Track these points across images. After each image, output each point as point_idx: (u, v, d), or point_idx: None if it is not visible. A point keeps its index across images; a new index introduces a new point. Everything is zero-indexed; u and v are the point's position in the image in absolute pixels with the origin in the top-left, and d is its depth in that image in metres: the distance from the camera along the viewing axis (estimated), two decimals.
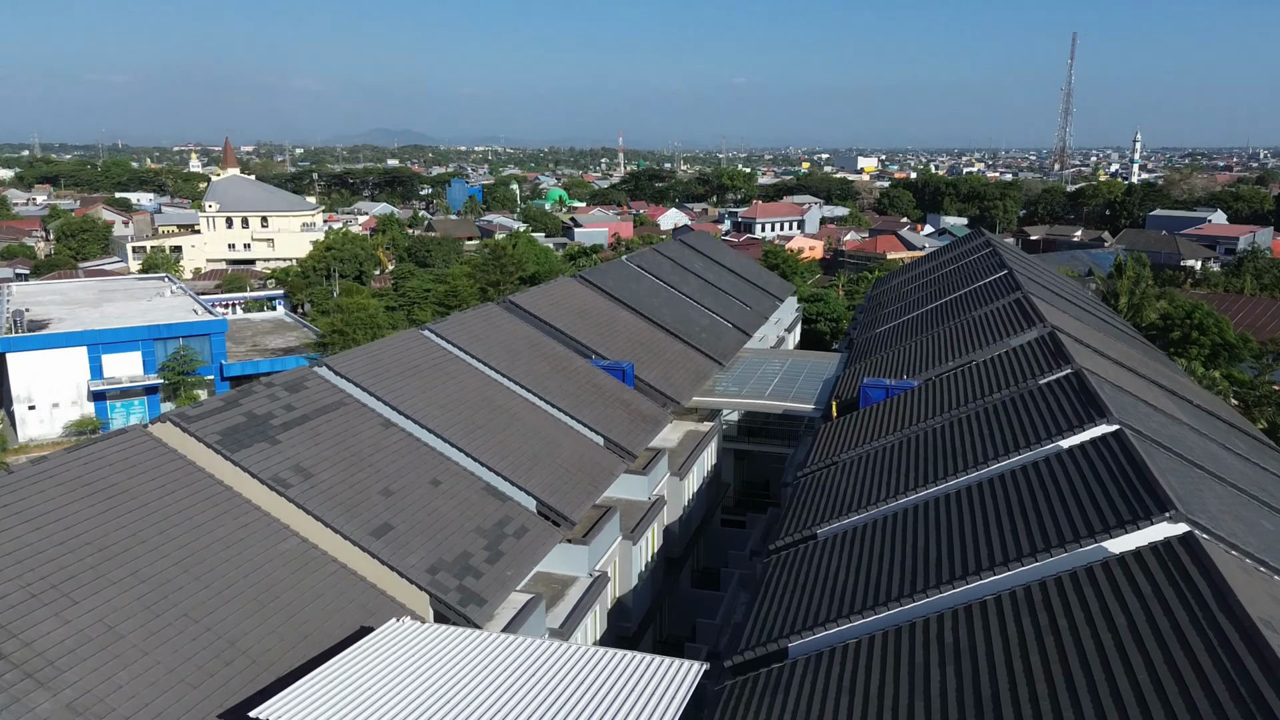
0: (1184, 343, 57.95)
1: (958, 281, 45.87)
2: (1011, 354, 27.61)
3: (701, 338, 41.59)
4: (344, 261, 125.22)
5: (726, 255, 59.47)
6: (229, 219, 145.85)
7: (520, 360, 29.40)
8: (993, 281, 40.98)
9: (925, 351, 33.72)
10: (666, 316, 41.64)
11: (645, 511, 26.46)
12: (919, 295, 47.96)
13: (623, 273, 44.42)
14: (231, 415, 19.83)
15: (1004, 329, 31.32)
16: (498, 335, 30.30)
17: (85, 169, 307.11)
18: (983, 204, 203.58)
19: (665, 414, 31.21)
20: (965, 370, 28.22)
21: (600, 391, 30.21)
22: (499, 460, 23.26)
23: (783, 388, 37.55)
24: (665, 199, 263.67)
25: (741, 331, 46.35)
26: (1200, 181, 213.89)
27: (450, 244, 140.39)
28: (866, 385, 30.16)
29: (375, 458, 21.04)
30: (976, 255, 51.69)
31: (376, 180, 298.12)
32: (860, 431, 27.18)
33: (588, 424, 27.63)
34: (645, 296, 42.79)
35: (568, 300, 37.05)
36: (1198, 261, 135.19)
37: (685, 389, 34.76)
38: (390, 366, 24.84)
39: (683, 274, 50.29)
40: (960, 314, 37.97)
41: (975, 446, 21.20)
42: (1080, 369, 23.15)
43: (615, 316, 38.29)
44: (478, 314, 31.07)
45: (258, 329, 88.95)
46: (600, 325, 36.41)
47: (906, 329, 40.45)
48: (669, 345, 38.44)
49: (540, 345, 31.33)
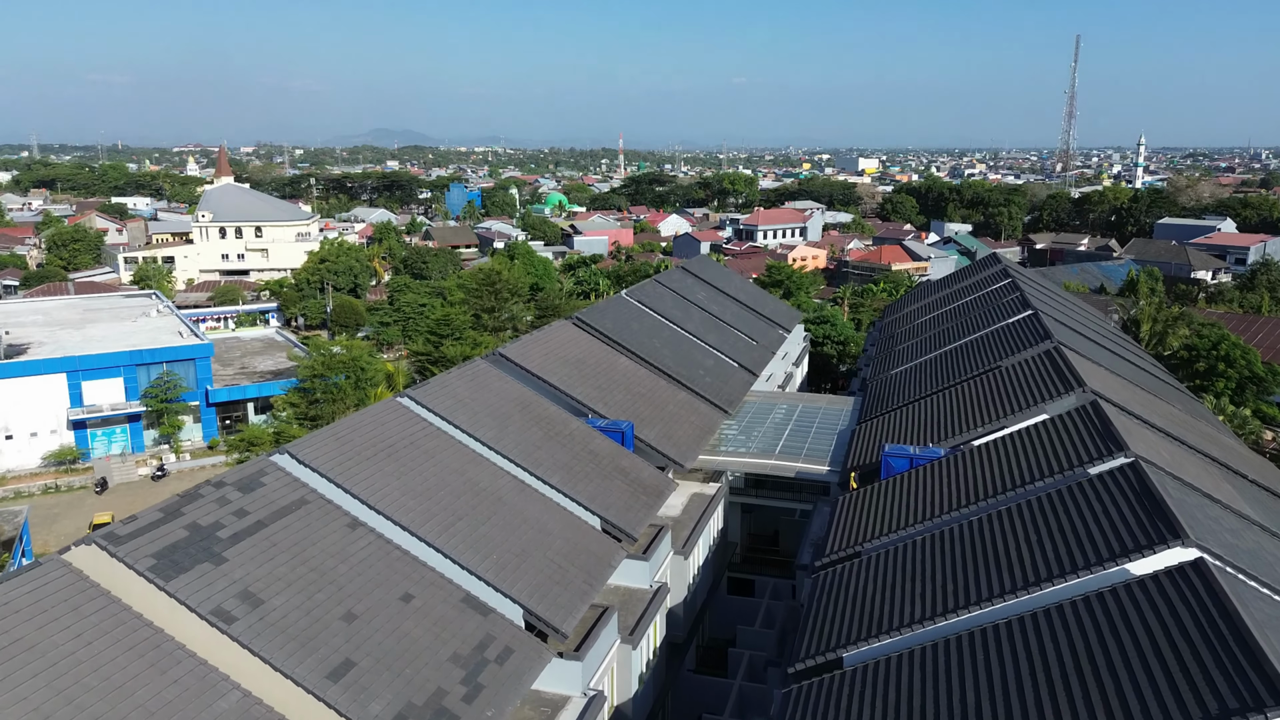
0: (1209, 374, 55.38)
1: (978, 319, 43.26)
2: (1052, 427, 24.99)
3: (706, 383, 38.99)
4: (338, 274, 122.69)
5: (731, 282, 56.88)
6: (222, 229, 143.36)
7: (509, 428, 26.81)
8: (1018, 323, 38.38)
9: (950, 409, 31.11)
10: (669, 360, 39.04)
11: (647, 604, 23.87)
12: (936, 331, 45.36)
13: (622, 312, 41.83)
14: (171, 530, 17.23)
15: (1038, 389, 28.70)
16: (484, 398, 27.70)
17: (82, 173, 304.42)
18: (987, 210, 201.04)
19: (668, 483, 28.61)
20: (1000, 444, 25.60)
21: (597, 460, 27.62)
22: (481, 561, 20.66)
23: (794, 443, 34.93)
24: (666, 203, 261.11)
25: (748, 371, 43.74)
26: (1207, 188, 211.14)
27: (447, 255, 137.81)
28: (889, 454, 27.57)
29: (339, 571, 18.44)
30: (995, 286, 49.10)
31: (375, 185, 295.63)
32: (885, 513, 24.60)
33: (583, 503, 25.04)
34: (646, 338, 40.19)
35: (562, 349, 34.46)
36: (1208, 272, 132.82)
37: (690, 447, 32.16)
38: (361, 450, 22.26)
39: (685, 308, 47.69)
40: (985, 359, 35.36)
41: (1025, 559, 18.59)
42: (1137, 460, 20.54)
43: (614, 365, 35.69)
44: (463, 374, 28.46)
45: (247, 349, 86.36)
46: (598, 376, 33.82)
47: (926, 374, 37.85)
48: (671, 395, 35.84)
49: (531, 406, 28.74)
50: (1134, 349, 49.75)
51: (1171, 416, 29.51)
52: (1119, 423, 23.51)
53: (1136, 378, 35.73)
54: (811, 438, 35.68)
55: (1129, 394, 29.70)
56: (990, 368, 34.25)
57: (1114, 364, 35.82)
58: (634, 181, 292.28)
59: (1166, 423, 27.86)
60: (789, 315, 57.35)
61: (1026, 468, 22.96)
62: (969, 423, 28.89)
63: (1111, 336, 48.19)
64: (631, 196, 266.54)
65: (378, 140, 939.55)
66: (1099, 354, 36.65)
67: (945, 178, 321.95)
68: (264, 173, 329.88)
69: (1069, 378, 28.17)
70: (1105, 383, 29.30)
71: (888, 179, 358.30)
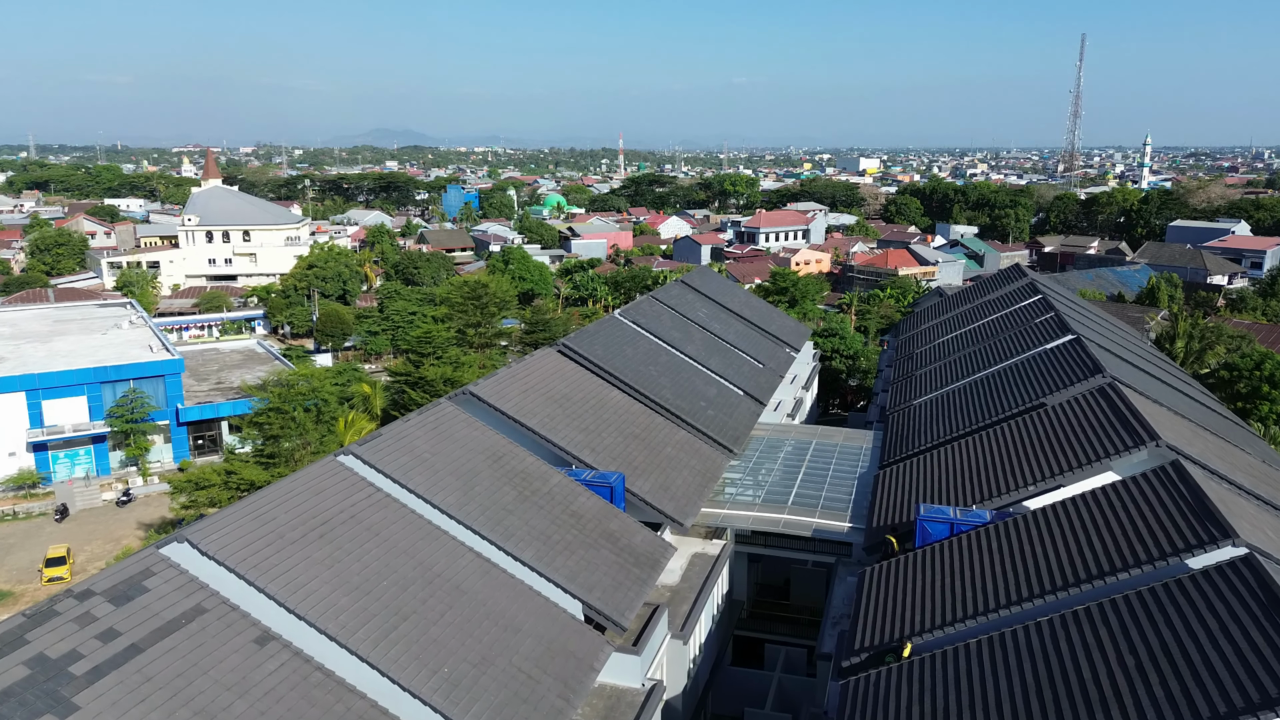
0: (1253, 396, 51.16)
1: (1010, 341, 39.00)
2: (1127, 493, 20.74)
3: (709, 417, 34.76)
4: (326, 280, 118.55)
5: (734, 296, 52.63)
6: (209, 233, 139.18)
7: (476, 489, 22.59)
8: (1060, 350, 34.14)
9: (990, 458, 26.88)
10: (667, 391, 34.80)
11: (637, 712, 19.64)
12: (961, 354, 41.12)
13: (614, 335, 37.57)
14: (6, 669, 13.04)
15: (1100, 439, 24.45)
16: (448, 452, 23.48)
17: (76, 174, 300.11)
18: (993, 212, 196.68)
19: (665, 549, 24.38)
20: (1061, 511, 21.36)
21: (581, 524, 23.41)
22: (427, 680, 16.43)
23: (809, 490, 30.71)
24: (666, 205, 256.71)
25: (755, 400, 39.50)
26: (1218, 189, 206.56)
27: (440, 260, 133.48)
28: (925, 518, 23.34)
29: (234, 711, 14.23)
30: (1024, 303, 44.86)
31: (371, 186, 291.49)
32: (924, 598, 20.37)
33: (561, 584, 20.83)
34: (641, 365, 35.95)
35: (545, 383, 30.22)
36: (1224, 277, 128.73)
37: (690, 500, 27.93)
38: (286, 530, 18.06)
39: (685, 327, 43.46)
40: (1025, 393, 31.13)
41: (1122, 693, 14.34)
42: (1251, 555, 16.30)
43: (604, 400, 31.46)
44: (424, 421, 24.22)
45: (225, 361, 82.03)
46: (585, 415, 29.59)
47: (955, 408, 33.62)
48: (670, 434, 31.61)
49: (505, 459, 24.51)
50: (1176, 372, 45.54)
51: (1255, 471, 25.30)
52: (1212, 492, 19.28)
53: (1197, 415, 31.51)
54: (829, 484, 31.45)
55: (1203, 444, 25.48)
56: (1033, 404, 30.03)
57: (1173, 400, 31.59)
58: (634, 183, 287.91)
59: (1255, 481, 23.64)
60: (797, 332, 53.08)
61: (1104, 551, 18.72)
62: (1016, 477, 24.67)
63: (1155, 361, 43.97)
64: (631, 198, 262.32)
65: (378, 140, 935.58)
66: (1153, 388, 32.41)
67: (947, 178, 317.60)
68: (260, 174, 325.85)
69: (1137, 428, 23.92)
70: (1176, 431, 25.08)
71: (889, 179, 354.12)
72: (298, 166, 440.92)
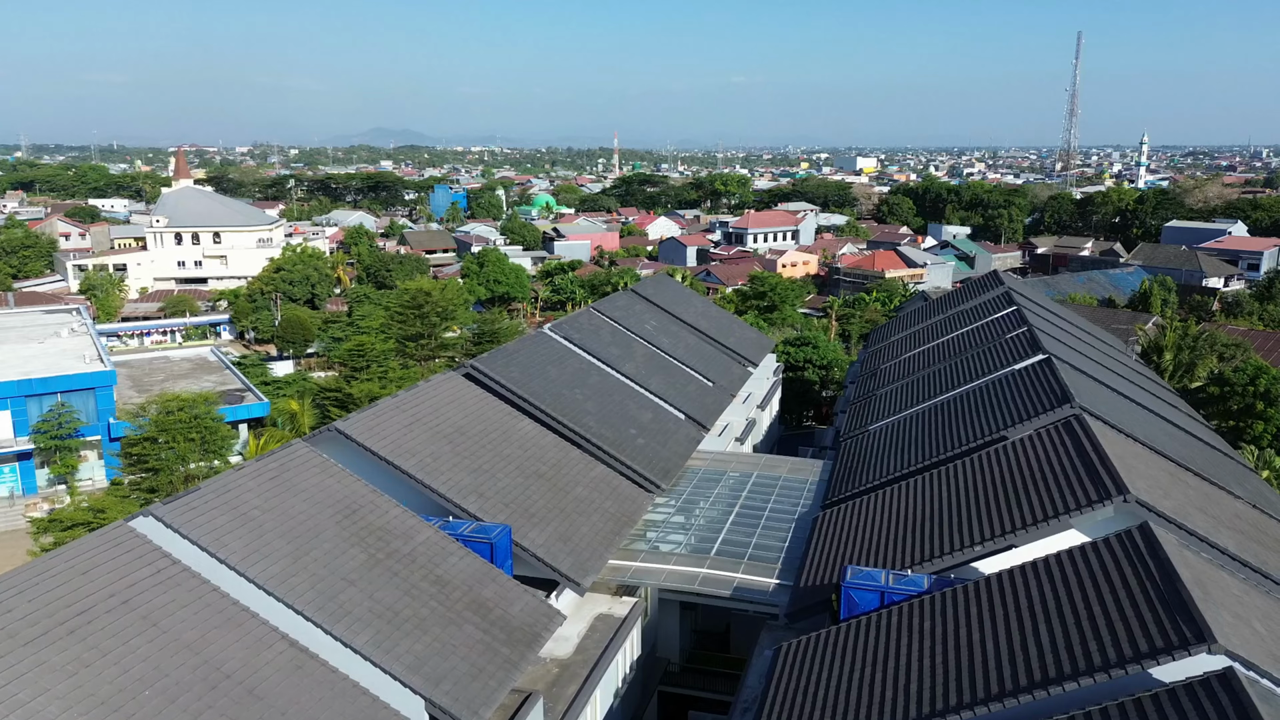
0: (1245, 414, 47.53)
1: (978, 360, 35.30)
2: (1087, 567, 17.02)
3: (638, 447, 31.05)
4: (294, 284, 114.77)
5: (690, 307, 48.89)
6: (178, 234, 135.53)
7: (313, 553, 18.89)
8: (1028, 371, 30.45)
9: (939, 505, 23.18)
10: (591, 419, 31.08)
11: None
12: (925, 373, 37.45)
13: (539, 353, 33.85)
14: None
15: (1062, 489, 20.73)
16: (287, 506, 19.77)
17: (63, 174, 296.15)
18: (986, 212, 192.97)
19: (549, 620, 20.62)
20: (1010, 585, 17.65)
21: (444, 593, 19.71)
22: None
23: (738, 536, 27.00)
24: (657, 205, 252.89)
25: (697, 425, 35.83)
26: (1215, 189, 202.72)
27: (413, 262, 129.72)
28: (851, 584, 19.64)
29: None
30: (997, 315, 41.19)
31: (359, 186, 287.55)
32: (839, 695, 16.68)
33: (399, 676, 17.12)
34: (565, 389, 32.24)
35: (438, 414, 26.49)
36: (1220, 279, 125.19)
37: (594, 553, 24.22)
38: (18, 628, 14.34)
39: (627, 343, 39.75)
40: (986, 423, 27.47)
41: None
42: (1231, 670, 12.64)
43: (510, 433, 27.75)
44: (263, 470, 20.48)
45: (173, 370, 78.24)
46: (480, 452, 25.88)
47: (910, 438, 29.95)
48: (584, 471, 27.89)
49: (360, 513, 20.79)
50: (1161, 391, 41.89)
51: (1243, 522, 21.59)
52: (1188, 571, 15.57)
53: (1179, 448, 27.82)
54: (763, 527, 27.74)
55: (1182, 493, 21.77)
56: (993, 438, 26.36)
57: (1151, 431, 27.88)
58: (624, 182, 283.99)
59: (1242, 540, 19.96)
60: (757, 345, 49.35)
61: (1053, 646, 15.00)
62: (964, 533, 20.98)
63: (1137, 379, 40.31)
64: (622, 198, 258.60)
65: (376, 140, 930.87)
66: (1130, 416, 28.72)
67: (944, 177, 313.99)
68: (248, 174, 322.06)
69: (1103, 477, 20.21)
70: (1151, 477, 21.38)
71: (885, 179, 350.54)
72: (292, 166, 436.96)
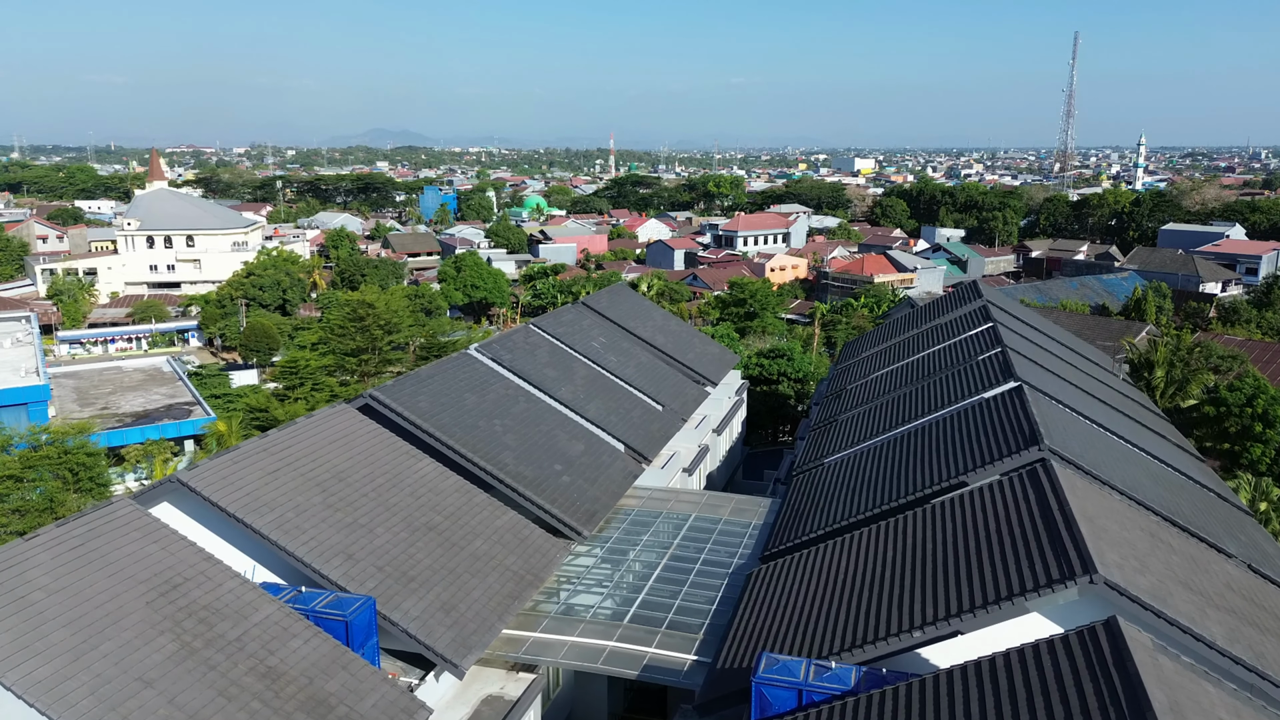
0: (1242, 437, 44.29)
1: (946, 384, 32.03)
2: (1039, 666, 13.77)
3: (561, 486, 27.73)
4: (264, 289, 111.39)
5: (646, 321, 45.55)
6: (149, 238, 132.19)
7: (102, 646, 15.57)
8: (997, 402, 27.16)
9: (882, 570, 19.90)
10: (509, 455, 27.75)
11: None
12: (892, 396, 34.17)
13: (457, 379, 30.50)
14: None
15: (1025, 561, 17.39)
16: (81, 586, 16.43)
17: (53, 175, 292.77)
18: (981, 214, 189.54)
19: (415, 715, 17.32)
20: (947, 684, 14.41)
21: (275, 690, 16.41)
22: None
23: (661, 596, 23.67)
24: (649, 206, 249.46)
25: (636, 457, 32.54)
26: (1213, 191, 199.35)
27: (389, 267, 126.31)
28: (762, 680, 16.32)
29: None
30: (972, 333, 37.89)
31: (349, 187, 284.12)
32: None
33: None
34: (482, 420, 28.92)
35: (314, 457, 23.16)
36: (1217, 284, 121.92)
37: (483, 624, 20.90)
38: None
39: (568, 364, 36.43)
40: (946, 464, 24.22)
41: None
42: None
43: (402, 476, 24.42)
44: (63, 538, 17.09)
45: (123, 381, 74.75)
46: (361, 502, 22.56)
47: (865, 476, 26.69)
48: (487, 520, 24.57)
49: (182, 588, 17.49)
50: (1148, 417, 38.61)
51: (1233, 595, 18.29)
52: (1162, 697, 12.32)
53: (1164, 494, 24.52)
54: (691, 583, 24.43)
55: (1163, 561, 18.46)
56: (952, 484, 23.10)
57: (1133, 475, 24.57)
58: (616, 184, 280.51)
59: (1234, 625, 16.68)
60: (719, 361, 46.03)
61: None
62: (906, 612, 17.69)
63: (1121, 403, 37.01)
64: (614, 199, 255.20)
65: (375, 141, 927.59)
66: (1108, 455, 25.42)
67: (941, 179, 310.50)
68: (238, 175, 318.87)
69: (1068, 550, 16.92)
70: (1126, 542, 18.09)
71: (882, 180, 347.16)
72: (288, 167, 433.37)
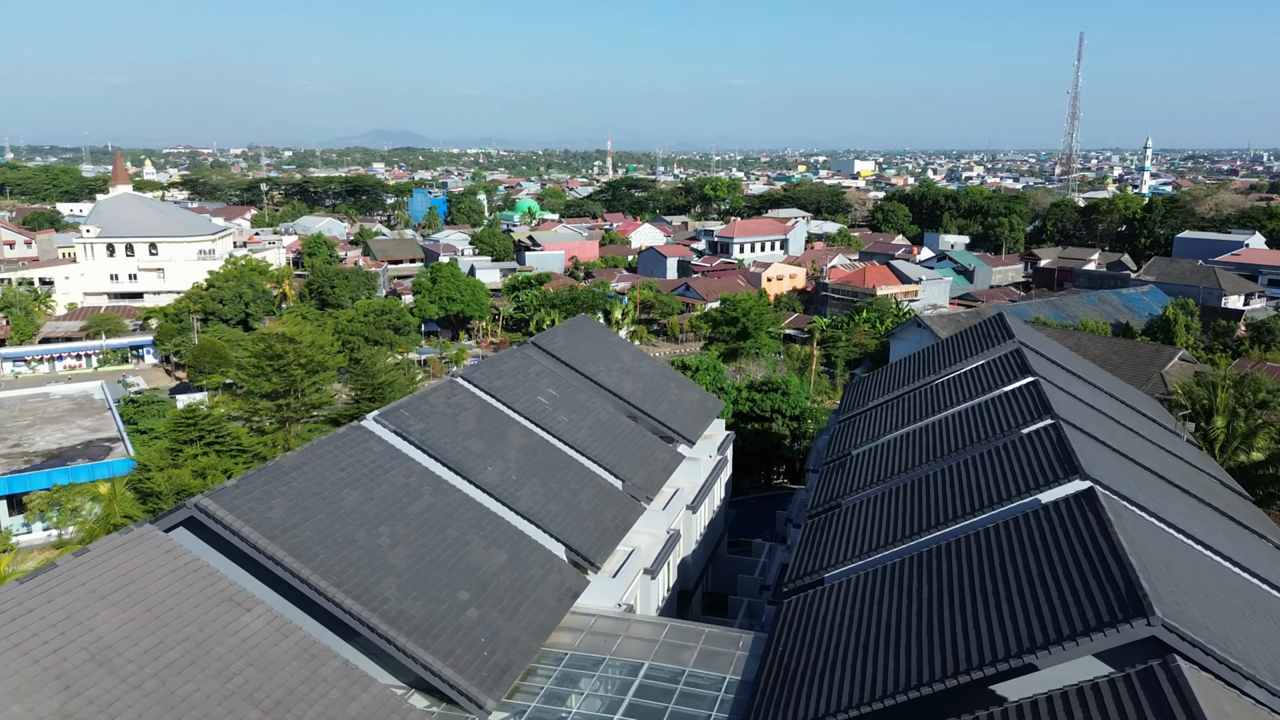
0: None
1: (988, 469, 24.81)
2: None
3: (460, 626, 20.44)
4: (224, 302, 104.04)
5: (611, 364, 38.16)
6: (110, 245, 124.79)
7: None
8: (1060, 508, 19.98)
9: None
10: (389, 584, 20.39)
11: None
12: (915, 477, 26.95)
13: (337, 468, 23.11)
14: None
15: None
16: None
17: (38, 176, 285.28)
18: (985, 220, 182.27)
19: None
20: None
21: None
22: None
23: None
24: (645, 210, 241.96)
25: (580, 563, 25.27)
26: (1227, 196, 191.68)
27: (360, 277, 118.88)
28: None
29: None
30: (1008, 389, 30.66)
31: (338, 190, 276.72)
32: None
33: None
34: (361, 530, 21.59)
35: (72, 623, 15.84)
36: (1240, 297, 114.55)
37: None
38: None
39: (500, 432, 29.11)
40: (1001, 612, 17.06)
41: None
42: None
43: (212, 641, 17.08)
44: None
45: (46, 412, 67.35)
46: (126, 701, 15.34)
47: (884, 621, 19.50)
48: (337, 705, 17.30)
49: None
50: (1212, 484, 31.41)
51: None
52: None
53: (1259, 623, 17.33)
54: None
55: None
56: (1010, 656, 15.90)
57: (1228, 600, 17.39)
58: (611, 187, 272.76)
59: None
60: (698, 412, 38.65)
61: None
62: None
63: (1186, 470, 29.78)
64: (609, 203, 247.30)
65: (374, 142, 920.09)
66: (1217, 598, 18.22)
67: (942, 181, 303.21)
68: (226, 177, 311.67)
69: None
70: None
71: (882, 182, 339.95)
72: (284, 168, 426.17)
